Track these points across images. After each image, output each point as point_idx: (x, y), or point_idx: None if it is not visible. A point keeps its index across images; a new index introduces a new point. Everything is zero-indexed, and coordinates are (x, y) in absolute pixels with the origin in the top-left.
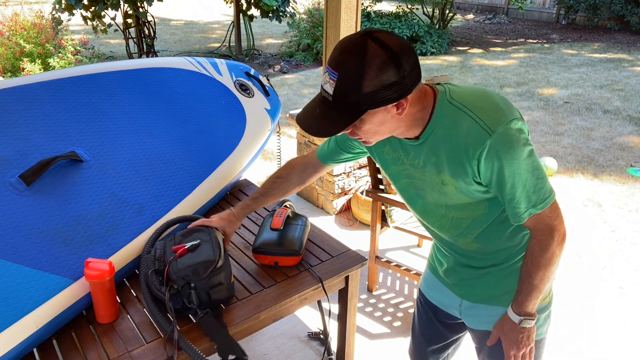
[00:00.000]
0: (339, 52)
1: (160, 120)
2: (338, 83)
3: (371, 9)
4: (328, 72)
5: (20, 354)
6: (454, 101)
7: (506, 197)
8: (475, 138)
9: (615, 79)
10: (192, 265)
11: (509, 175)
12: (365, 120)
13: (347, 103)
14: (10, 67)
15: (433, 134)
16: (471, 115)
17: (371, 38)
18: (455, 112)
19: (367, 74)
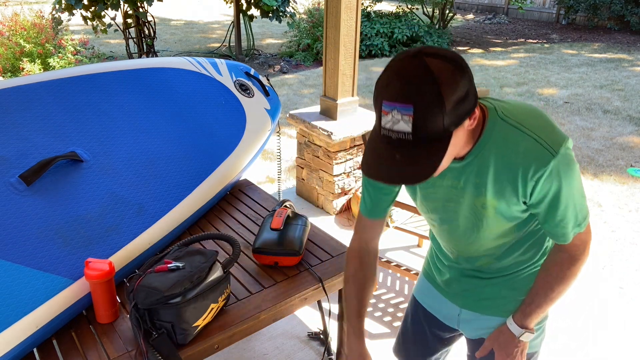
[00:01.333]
0: (401, 84)
1: (160, 120)
2: (416, 115)
3: (371, 9)
4: (397, 109)
5: (20, 354)
6: (508, 119)
7: (556, 219)
8: (536, 159)
9: (615, 79)
10: (147, 286)
11: (565, 196)
12: (450, 146)
13: (434, 132)
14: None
15: (481, 153)
16: (531, 135)
17: (426, 55)
18: (511, 130)
19: (444, 93)
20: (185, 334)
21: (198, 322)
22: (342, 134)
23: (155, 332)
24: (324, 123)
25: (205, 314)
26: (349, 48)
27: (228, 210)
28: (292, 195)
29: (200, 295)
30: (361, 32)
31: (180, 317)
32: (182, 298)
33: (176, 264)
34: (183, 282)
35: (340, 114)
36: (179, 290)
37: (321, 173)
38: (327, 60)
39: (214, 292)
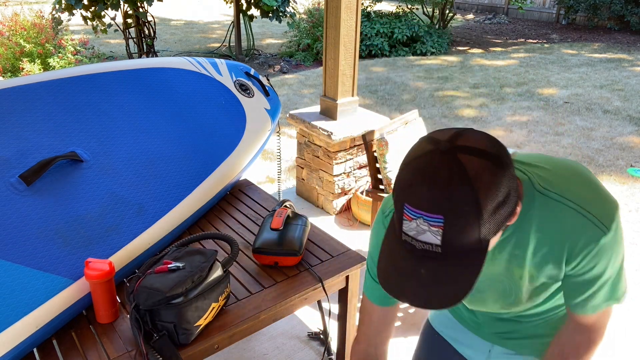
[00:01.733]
0: (429, 189)
1: (160, 120)
2: (447, 228)
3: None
4: (423, 217)
5: (20, 354)
6: (548, 192)
7: (589, 289)
8: (586, 235)
9: (615, 79)
10: (148, 287)
11: (607, 269)
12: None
13: (468, 245)
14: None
15: (520, 227)
16: (577, 210)
17: (460, 151)
18: (554, 205)
19: (483, 200)
20: (188, 333)
21: (200, 321)
22: (342, 134)
23: (156, 334)
24: (324, 123)
25: (207, 314)
26: (349, 48)
27: (228, 210)
28: (292, 195)
29: (202, 294)
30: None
31: (182, 317)
32: (183, 298)
33: (176, 264)
34: (184, 282)
35: (340, 114)
36: (180, 290)
37: (321, 173)
38: (327, 60)
39: (215, 291)
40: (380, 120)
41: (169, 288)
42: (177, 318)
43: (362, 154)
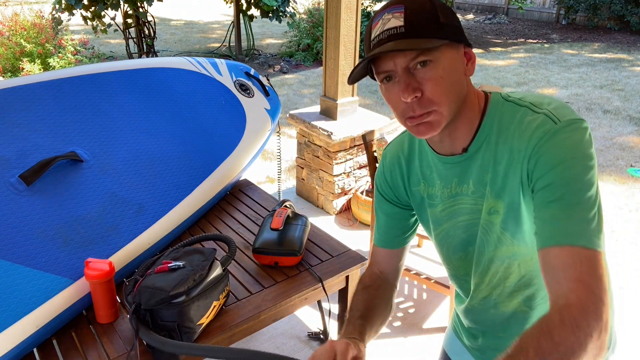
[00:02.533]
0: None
1: (160, 120)
2: (408, 11)
3: (371, 9)
4: (389, 11)
5: (20, 354)
6: (511, 99)
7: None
8: (537, 127)
9: (615, 79)
10: (151, 287)
11: (563, 174)
12: (442, 63)
13: (425, 28)
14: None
15: (486, 141)
16: (534, 110)
17: None
18: (514, 108)
19: (437, 6)
20: (191, 332)
21: (202, 319)
22: (342, 134)
23: None
24: (324, 123)
25: (209, 312)
26: (349, 48)
27: (228, 210)
28: (292, 195)
29: (204, 293)
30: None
31: (185, 316)
32: (186, 297)
33: (176, 263)
34: (186, 280)
35: (340, 114)
36: (183, 289)
37: (321, 173)
38: (327, 60)
39: (216, 289)
40: (380, 120)
41: (172, 287)
42: (180, 317)
43: (362, 154)
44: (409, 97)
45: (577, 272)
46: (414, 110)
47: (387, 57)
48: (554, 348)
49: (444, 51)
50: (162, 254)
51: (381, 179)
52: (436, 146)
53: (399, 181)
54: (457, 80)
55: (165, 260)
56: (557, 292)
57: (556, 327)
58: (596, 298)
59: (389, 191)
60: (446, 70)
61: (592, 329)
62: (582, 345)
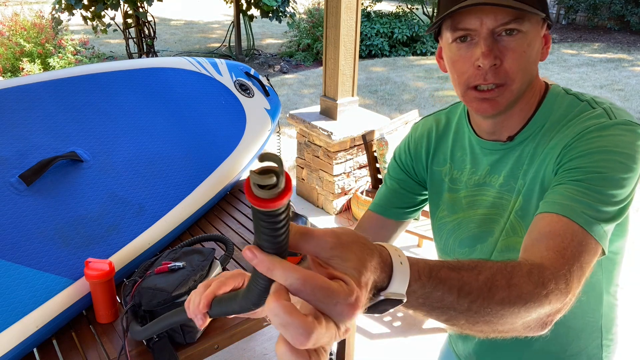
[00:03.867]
0: None
1: (160, 120)
2: None
3: (371, 9)
4: None
5: (20, 354)
6: (572, 92)
7: (565, 179)
8: (590, 118)
9: (615, 79)
10: (152, 288)
11: (597, 163)
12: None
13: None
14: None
15: (534, 133)
16: (593, 105)
17: None
18: (574, 101)
19: None
20: (193, 332)
21: None
22: (342, 134)
23: (156, 336)
24: (324, 123)
25: None
26: (349, 48)
27: (228, 210)
28: (292, 195)
29: None
30: (361, 32)
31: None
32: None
33: (176, 264)
34: (187, 281)
35: (340, 114)
36: (184, 289)
37: (321, 173)
38: (327, 60)
39: None
40: (380, 120)
41: (174, 287)
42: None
43: (362, 154)
44: (489, 62)
45: (563, 246)
46: (486, 79)
47: (473, 13)
48: (506, 287)
49: (535, 25)
50: (160, 255)
51: (404, 149)
52: (479, 129)
53: (423, 155)
54: (535, 60)
55: (164, 261)
56: (534, 253)
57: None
58: (571, 276)
59: (408, 161)
60: (530, 45)
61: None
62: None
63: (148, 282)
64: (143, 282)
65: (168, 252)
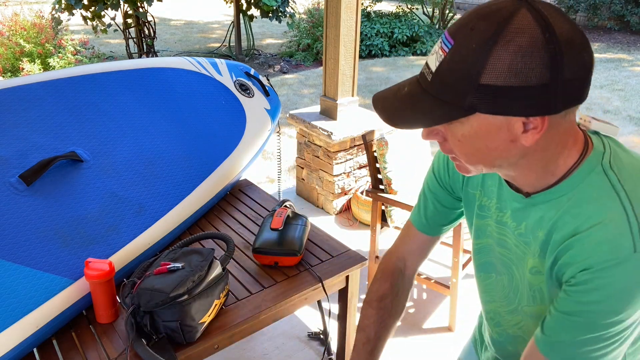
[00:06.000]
0: (469, 13)
1: (160, 120)
2: (448, 57)
3: (371, 9)
4: (442, 39)
5: (20, 354)
6: (611, 173)
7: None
8: (610, 243)
9: (615, 79)
10: (150, 289)
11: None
12: (469, 130)
13: (451, 92)
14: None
15: (556, 200)
16: (626, 208)
17: (529, 6)
18: (606, 189)
19: (496, 53)
20: (193, 331)
21: (204, 318)
22: (342, 134)
23: (155, 336)
24: (324, 123)
25: (210, 311)
26: (349, 48)
27: (228, 210)
28: (292, 195)
29: (204, 292)
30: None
31: (187, 315)
32: (187, 296)
33: (175, 265)
34: (185, 282)
35: (340, 114)
36: (182, 290)
37: (321, 173)
38: (327, 60)
39: (216, 288)
40: (380, 120)
41: (172, 288)
42: (182, 316)
43: (362, 154)
44: (426, 138)
45: None
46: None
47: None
48: None
49: (476, 120)
50: (159, 255)
51: (443, 164)
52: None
53: (459, 175)
54: (489, 149)
55: (163, 261)
56: None
57: None
58: None
59: (446, 178)
60: (469, 136)
61: None
62: None
63: (146, 283)
64: (141, 283)
65: (167, 253)
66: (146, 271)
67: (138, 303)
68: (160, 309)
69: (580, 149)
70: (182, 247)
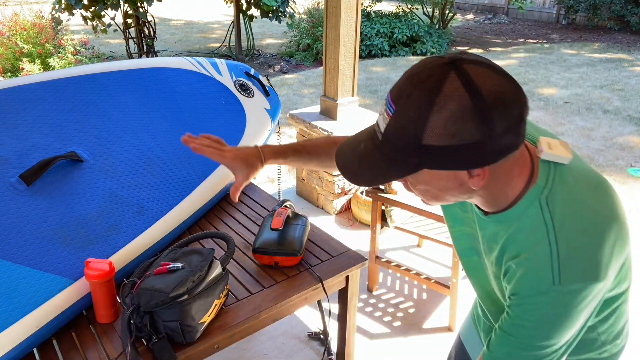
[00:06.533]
0: (405, 79)
1: (160, 120)
2: (392, 122)
3: (371, 9)
4: (386, 102)
5: (20, 354)
6: (545, 209)
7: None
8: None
9: (615, 79)
10: (150, 289)
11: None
12: (421, 180)
13: (399, 152)
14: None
15: (506, 223)
16: (551, 246)
17: (457, 71)
18: (538, 225)
19: (432, 119)
20: (193, 331)
21: (204, 318)
22: (342, 133)
23: (155, 337)
24: (324, 123)
25: (210, 310)
26: (349, 48)
27: (228, 210)
28: (292, 195)
29: (205, 291)
30: (361, 32)
31: (187, 315)
32: (188, 296)
33: (175, 265)
34: (185, 282)
35: (340, 114)
36: (182, 290)
37: (321, 173)
38: (327, 60)
39: (216, 288)
40: None
41: (172, 288)
42: (182, 316)
43: None
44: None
45: None
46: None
47: None
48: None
49: (425, 175)
50: (159, 255)
51: None
52: None
53: None
54: (442, 192)
55: (163, 261)
56: None
57: None
58: None
59: None
60: (422, 184)
61: None
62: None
63: (146, 283)
64: (141, 283)
65: (167, 253)
66: (146, 271)
67: (138, 303)
68: (160, 309)
69: (526, 178)
70: (182, 246)
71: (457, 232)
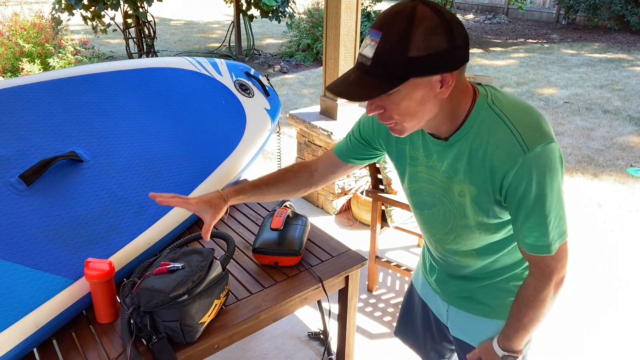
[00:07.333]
0: (384, 14)
1: (160, 120)
2: (380, 44)
3: (371, 9)
4: (370, 34)
5: (20, 354)
6: (494, 107)
7: (519, 222)
8: (507, 152)
9: (615, 79)
10: (150, 289)
11: (534, 199)
12: (404, 95)
13: (389, 67)
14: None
15: (465, 137)
16: (509, 127)
17: (423, 3)
18: (494, 119)
19: (414, 35)
20: (193, 331)
21: (204, 318)
22: (342, 133)
23: (155, 337)
24: (324, 123)
25: (210, 311)
26: (349, 48)
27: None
28: None
29: (204, 292)
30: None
31: (187, 315)
32: (188, 296)
33: (175, 265)
34: (185, 282)
35: (340, 114)
36: (182, 290)
37: None
38: (327, 60)
39: (216, 288)
40: None
41: (172, 288)
42: (182, 316)
43: None
44: (371, 113)
45: (541, 267)
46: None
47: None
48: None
49: (407, 85)
50: (159, 255)
51: (370, 120)
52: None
53: (383, 132)
54: (420, 105)
55: (163, 261)
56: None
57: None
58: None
59: (369, 133)
60: (405, 99)
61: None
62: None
63: (146, 283)
64: (141, 283)
65: (167, 253)
66: (146, 271)
67: (138, 303)
68: (160, 309)
69: (472, 96)
70: (182, 246)
71: (414, 187)
